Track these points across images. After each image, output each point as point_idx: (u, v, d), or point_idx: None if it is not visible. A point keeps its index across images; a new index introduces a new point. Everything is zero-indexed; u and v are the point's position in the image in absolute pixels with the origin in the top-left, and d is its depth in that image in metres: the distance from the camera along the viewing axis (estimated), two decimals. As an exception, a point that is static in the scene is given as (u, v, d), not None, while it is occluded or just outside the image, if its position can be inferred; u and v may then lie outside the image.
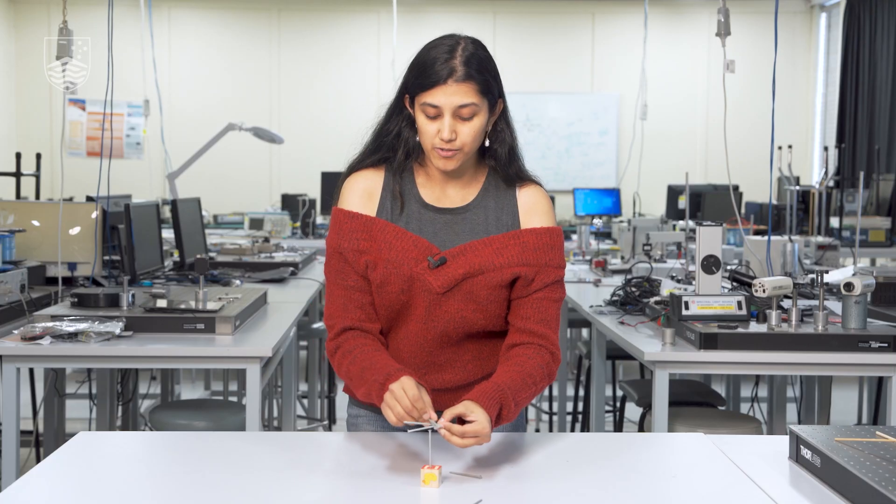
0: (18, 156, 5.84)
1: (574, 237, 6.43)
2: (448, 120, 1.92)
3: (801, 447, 1.81)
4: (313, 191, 8.62)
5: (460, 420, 1.79)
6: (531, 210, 2.05)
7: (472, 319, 2.00)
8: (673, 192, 7.98)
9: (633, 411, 4.71)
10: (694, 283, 3.27)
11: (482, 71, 1.94)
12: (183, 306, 3.10)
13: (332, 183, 2.07)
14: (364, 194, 2.04)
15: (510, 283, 2.01)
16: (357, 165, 2.07)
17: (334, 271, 2.03)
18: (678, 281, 4.26)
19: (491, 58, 1.99)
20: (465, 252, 1.99)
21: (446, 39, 1.97)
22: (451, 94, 1.91)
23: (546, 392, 5.53)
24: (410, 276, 1.97)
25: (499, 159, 2.04)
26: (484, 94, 1.94)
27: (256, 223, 7.15)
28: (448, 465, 1.76)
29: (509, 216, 2.04)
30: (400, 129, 2.03)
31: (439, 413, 1.84)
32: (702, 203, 7.53)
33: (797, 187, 5.87)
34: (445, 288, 1.97)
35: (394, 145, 2.04)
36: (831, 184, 6.57)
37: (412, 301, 1.99)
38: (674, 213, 7.73)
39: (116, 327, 2.92)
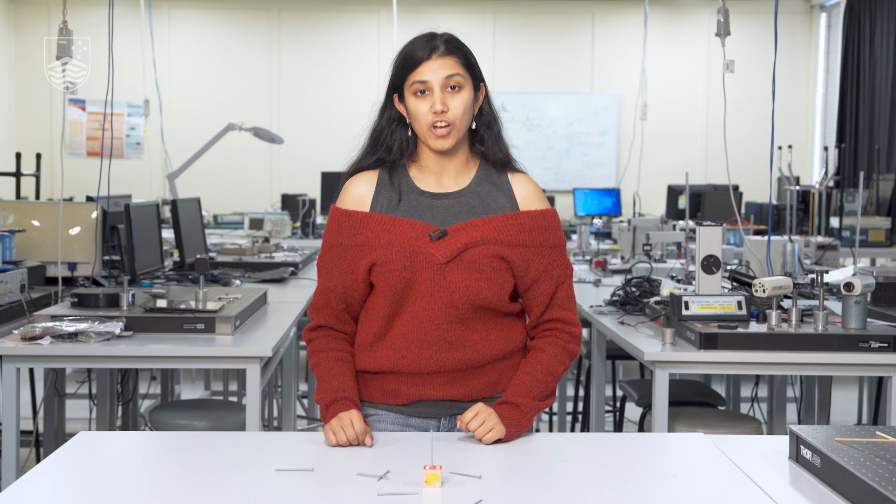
0: (18, 156, 5.84)
1: (574, 237, 6.43)
2: (438, 93, 2.04)
3: (801, 447, 1.81)
4: (313, 191, 8.62)
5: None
6: (526, 199, 2.13)
7: (476, 288, 2.05)
8: (673, 192, 7.98)
9: (633, 411, 4.71)
10: (694, 283, 3.27)
11: (461, 48, 2.10)
12: (183, 306, 3.09)
13: (331, 183, 2.11)
14: (359, 197, 2.12)
15: (511, 259, 2.07)
16: (355, 166, 2.16)
17: (325, 268, 2.13)
18: (678, 281, 4.25)
19: (468, 46, 2.13)
20: (465, 227, 2.07)
21: (425, 33, 2.12)
22: (438, 69, 2.04)
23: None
24: (412, 251, 2.04)
25: (487, 143, 2.14)
26: (467, 68, 2.08)
27: (256, 223, 7.15)
28: (449, 465, 1.76)
29: (506, 199, 2.12)
30: (392, 127, 2.13)
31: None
32: (702, 203, 7.53)
33: (797, 187, 5.87)
34: (448, 257, 2.04)
35: (388, 143, 2.13)
36: (831, 184, 6.57)
37: (416, 277, 2.04)
38: (674, 213, 7.73)
39: (116, 327, 2.92)
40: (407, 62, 2.07)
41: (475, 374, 2.09)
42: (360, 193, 2.11)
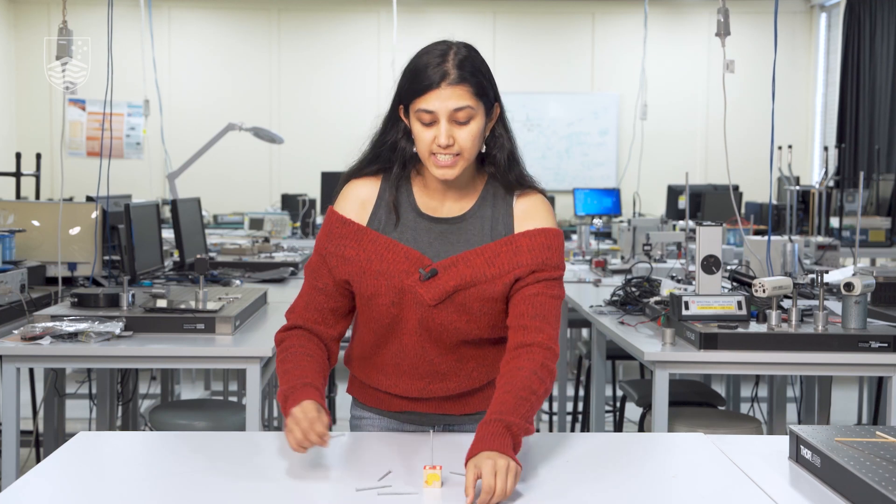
0: (18, 156, 5.84)
1: (574, 237, 6.43)
2: (444, 125, 1.87)
3: (801, 447, 1.81)
4: (313, 191, 8.62)
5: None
6: (525, 214, 1.98)
7: (466, 330, 1.96)
8: (673, 192, 7.98)
9: (633, 411, 4.71)
10: (694, 283, 3.27)
11: (476, 73, 1.90)
12: (183, 306, 3.09)
13: (332, 183, 2.07)
14: (358, 203, 2.00)
15: (504, 296, 1.95)
16: (355, 174, 2.04)
17: (311, 269, 2.05)
18: (678, 281, 4.25)
19: (484, 61, 1.96)
20: (456, 263, 1.93)
21: (438, 45, 1.93)
22: (446, 99, 1.86)
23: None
24: (401, 289, 1.93)
25: (498, 165, 1.98)
26: (479, 97, 1.90)
27: (256, 223, 7.15)
28: (449, 465, 1.76)
29: (503, 225, 1.98)
30: (396, 140, 1.98)
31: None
32: (702, 203, 7.53)
33: (797, 187, 5.87)
34: (437, 300, 1.93)
35: (390, 157, 1.99)
36: (831, 184, 6.57)
37: (403, 314, 1.95)
38: (674, 213, 7.73)
39: (116, 327, 2.92)
40: (414, 83, 1.88)
41: (472, 394, 2.04)
42: (362, 198, 2.00)
